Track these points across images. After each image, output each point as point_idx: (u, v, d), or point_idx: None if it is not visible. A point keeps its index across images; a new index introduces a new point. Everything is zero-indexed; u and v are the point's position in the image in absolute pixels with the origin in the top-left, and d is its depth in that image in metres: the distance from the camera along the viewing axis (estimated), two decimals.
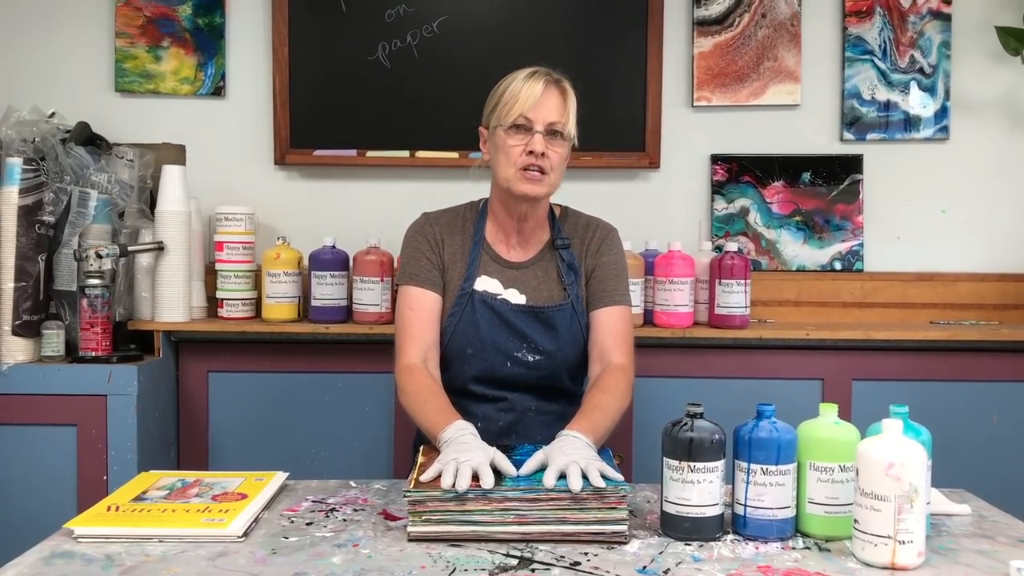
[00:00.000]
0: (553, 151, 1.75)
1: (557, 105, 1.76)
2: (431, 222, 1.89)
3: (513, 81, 1.78)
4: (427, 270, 1.83)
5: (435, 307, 1.82)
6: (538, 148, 1.73)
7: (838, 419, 1.39)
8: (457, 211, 1.92)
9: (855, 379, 2.46)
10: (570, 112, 1.77)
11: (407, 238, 1.89)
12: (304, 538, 1.37)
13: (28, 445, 2.27)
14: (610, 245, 1.90)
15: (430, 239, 1.85)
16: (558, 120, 1.75)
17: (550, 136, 1.75)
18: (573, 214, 1.94)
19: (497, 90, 1.81)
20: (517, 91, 1.75)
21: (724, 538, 1.37)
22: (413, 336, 1.80)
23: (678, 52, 2.70)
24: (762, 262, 2.69)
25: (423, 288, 1.82)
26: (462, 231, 1.88)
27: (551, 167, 1.76)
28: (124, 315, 2.44)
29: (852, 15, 2.69)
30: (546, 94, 1.75)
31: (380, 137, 2.67)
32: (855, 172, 2.69)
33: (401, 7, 2.65)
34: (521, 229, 1.86)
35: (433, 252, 1.84)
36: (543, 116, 1.74)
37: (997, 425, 2.46)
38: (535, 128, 1.74)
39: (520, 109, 1.74)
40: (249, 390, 2.53)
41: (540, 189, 1.76)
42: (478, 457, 1.42)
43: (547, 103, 1.75)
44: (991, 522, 1.48)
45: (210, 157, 2.70)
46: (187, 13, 2.68)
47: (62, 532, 1.38)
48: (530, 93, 1.74)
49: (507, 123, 1.75)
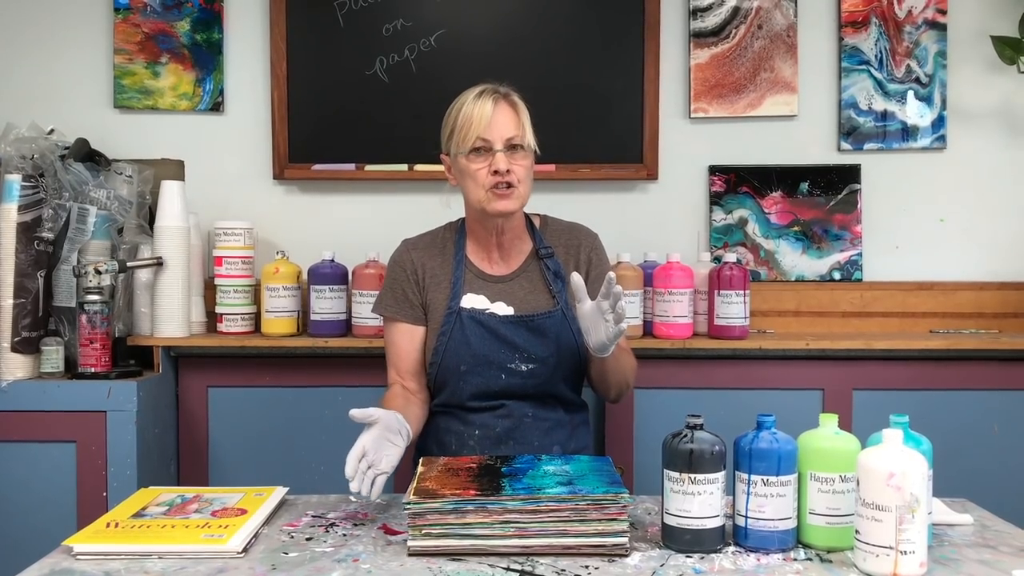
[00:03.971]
0: (517, 164, 1.78)
1: (510, 120, 1.79)
2: (410, 248, 1.93)
3: (463, 105, 1.81)
4: (402, 300, 1.89)
5: (408, 339, 1.88)
6: (502, 167, 1.76)
7: (838, 429, 1.39)
8: (436, 233, 1.96)
9: (855, 389, 2.45)
10: (524, 124, 1.80)
11: (389, 266, 1.95)
12: (304, 553, 1.37)
13: (27, 462, 2.26)
14: (599, 254, 1.94)
15: (408, 268, 1.90)
16: (515, 134, 1.78)
17: (510, 151, 1.78)
18: (553, 222, 1.97)
19: (449, 116, 1.84)
20: (469, 115, 1.79)
21: (725, 550, 1.37)
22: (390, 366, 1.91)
23: (675, 64, 2.71)
24: (761, 272, 2.69)
25: (398, 321, 1.89)
26: (442, 253, 1.91)
27: (518, 180, 1.79)
28: (123, 331, 2.43)
29: (848, 26, 2.69)
30: (497, 111, 1.78)
31: (378, 151, 2.67)
32: (853, 182, 2.70)
33: (399, 22, 2.66)
34: (500, 243, 1.89)
35: (410, 282, 1.89)
36: (500, 133, 1.77)
37: (998, 434, 2.46)
38: (495, 147, 1.77)
39: (476, 132, 1.77)
40: (249, 405, 2.52)
41: (513, 204, 1.80)
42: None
43: (500, 120, 1.78)
44: (993, 532, 1.48)
45: (209, 172, 2.70)
46: (185, 29, 2.69)
47: (61, 549, 1.38)
48: (481, 114, 1.77)
49: (466, 149, 1.78)
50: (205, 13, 2.69)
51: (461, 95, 1.83)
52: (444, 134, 1.85)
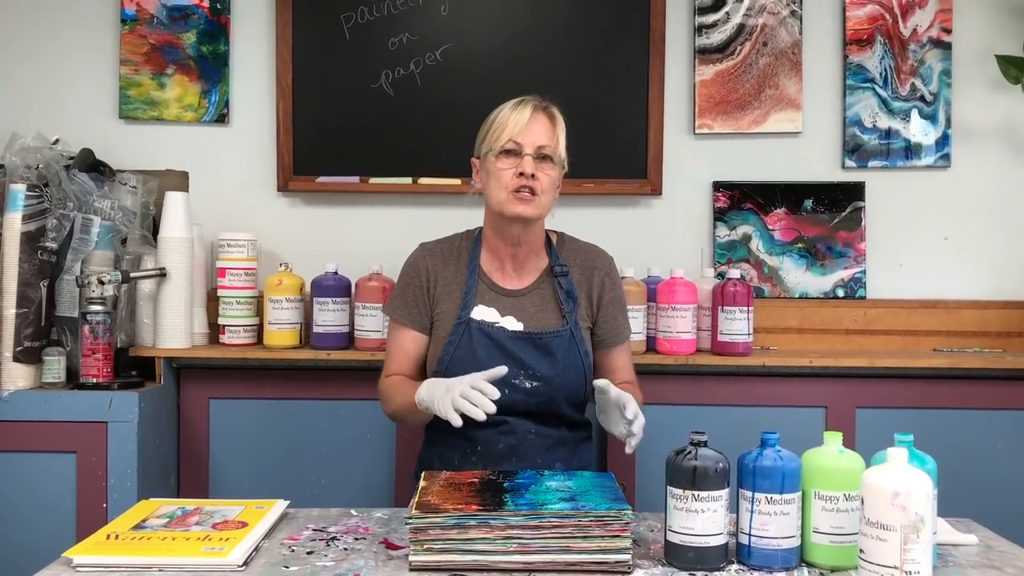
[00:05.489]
0: (544, 173, 1.80)
1: (546, 130, 1.82)
2: (426, 254, 1.95)
3: (502, 110, 1.85)
4: (412, 305, 1.91)
5: (412, 344, 1.91)
6: (528, 169, 1.78)
7: (843, 447, 1.38)
8: (453, 241, 1.97)
9: (859, 407, 2.44)
10: (559, 137, 1.83)
11: (403, 268, 1.97)
12: (305, 567, 1.36)
13: (28, 472, 2.25)
14: (613, 279, 1.96)
15: (422, 274, 1.92)
16: (547, 144, 1.81)
17: (540, 160, 1.80)
18: (570, 240, 1.98)
19: (487, 121, 1.88)
20: (506, 118, 1.82)
21: (728, 568, 1.36)
22: (390, 364, 1.94)
23: (680, 80, 2.72)
24: (764, 289, 2.69)
25: (403, 325, 1.91)
26: (457, 261, 1.92)
27: (542, 189, 1.80)
28: (125, 341, 2.43)
29: (853, 43, 2.70)
30: (534, 119, 1.81)
31: (383, 164, 2.68)
32: (857, 199, 2.70)
33: (404, 35, 2.66)
34: (516, 255, 1.89)
35: (421, 288, 1.91)
36: (532, 140, 1.80)
37: (1002, 453, 2.45)
38: (524, 151, 1.79)
39: (509, 134, 1.80)
40: (250, 417, 2.52)
41: (532, 210, 1.80)
42: (466, 380, 1.61)
43: (535, 127, 1.81)
44: (998, 552, 1.47)
45: (213, 184, 2.70)
46: (191, 41, 2.70)
47: (61, 561, 1.37)
48: (519, 119, 1.81)
49: (497, 148, 1.81)
50: (211, 25, 2.70)
51: (502, 104, 1.87)
52: (479, 138, 1.88)
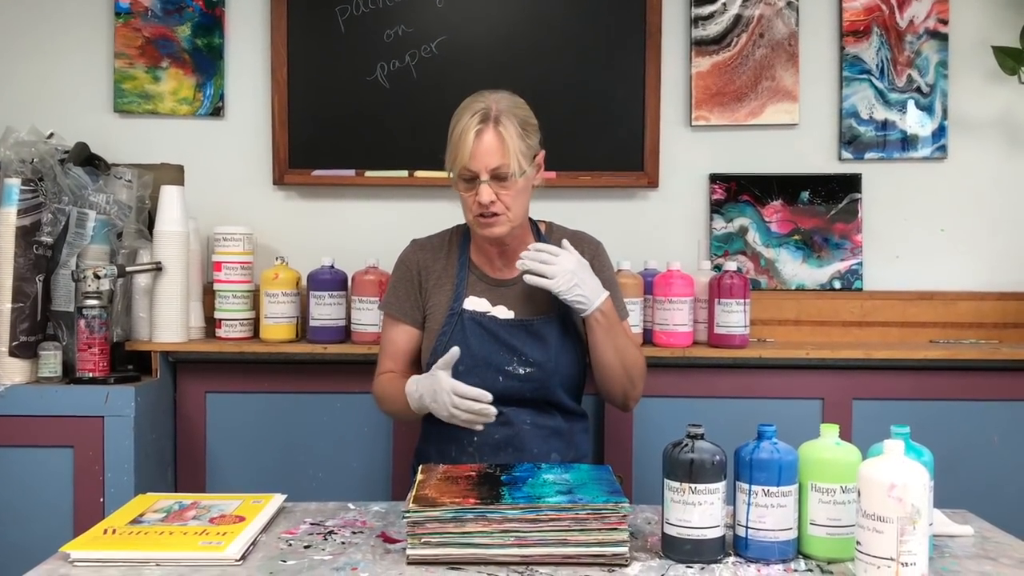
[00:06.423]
0: (504, 191, 1.77)
1: (495, 149, 1.74)
2: (417, 249, 1.96)
3: (455, 127, 1.79)
4: (403, 300, 1.92)
5: (404, 339, 1.93)
6: (484, 199, 1.75)
7: (839, 440, 1.39)
8: (444, 235, 1.98)
9: (855, 399, 2.44)
10: (511, 149, 1.75)
11: (395, 265, 1.98)
12: (302, 561, 1.36)
13: (24, 467, 2.25)
14: (602, 261, 1.95)
15: (412, 269, 1.93)
16: (500, 163, 1.75)
17: (497, 180, 1.76)
18: (558, 229, 1.99)
19: (449, 134, 1.81)
20: (457, 140, 1.77)
21: (726, 560, 1.36)
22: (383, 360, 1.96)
23: (676, 72, 2.71)
24: (761, 281, 2.69)
25: (396, 320, 1.93)
26: (447, 255, 1.93)
27: (506, 207, 1.78)
28: (122, 336, 2.43)
29: (849, 35, 2.70)
30: (480, 141, 1.74)
31: (379, 157, 2.67)
32: (854, 191, 2.70)
33: (400, 28, 2.66)
34: (503, 252, 1.91)
35: (413, 283, 1.92)
36: (484, 163, 1.75)
37: (998, 445, 2.45)
38: (480, 178, 1.75)
39: (461, 161, 1.76)
40: (247, 411, 2.51)
41: (500, 230, 1.81)
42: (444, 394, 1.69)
43: (483, 150, 1.74)
44: (994, 543, 1.48)
45: (209, 177, 2.69)
46: (186, 34, 2.69)
47: (58, 556, 1.37)
48: (464, 146, 1.74)
49: (455, 174, 1.80)
50: (206, 18, 2.69)
51: (460, 108, 1.82)
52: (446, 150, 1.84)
